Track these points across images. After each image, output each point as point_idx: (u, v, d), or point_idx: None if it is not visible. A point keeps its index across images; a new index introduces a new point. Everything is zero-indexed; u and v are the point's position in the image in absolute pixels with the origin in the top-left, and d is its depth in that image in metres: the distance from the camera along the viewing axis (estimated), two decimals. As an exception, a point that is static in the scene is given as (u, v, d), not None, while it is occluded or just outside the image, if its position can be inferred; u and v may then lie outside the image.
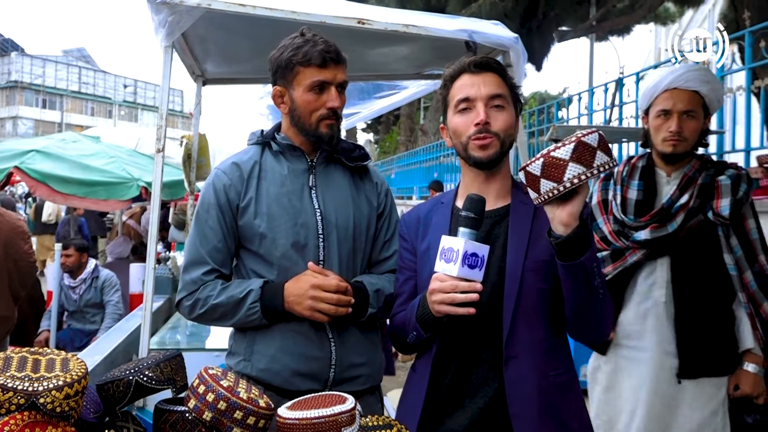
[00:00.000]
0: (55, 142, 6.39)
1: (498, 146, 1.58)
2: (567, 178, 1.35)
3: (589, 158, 1.35)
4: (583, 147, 1.35)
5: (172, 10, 2.12)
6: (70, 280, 5.39)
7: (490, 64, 1.62)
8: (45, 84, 56.77)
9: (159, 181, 2.25)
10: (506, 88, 1.62)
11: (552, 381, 1.55)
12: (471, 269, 1.44)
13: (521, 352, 1.54)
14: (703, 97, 2.26)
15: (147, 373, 1.36)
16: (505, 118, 1.59)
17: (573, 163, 1.35)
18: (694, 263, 2.27)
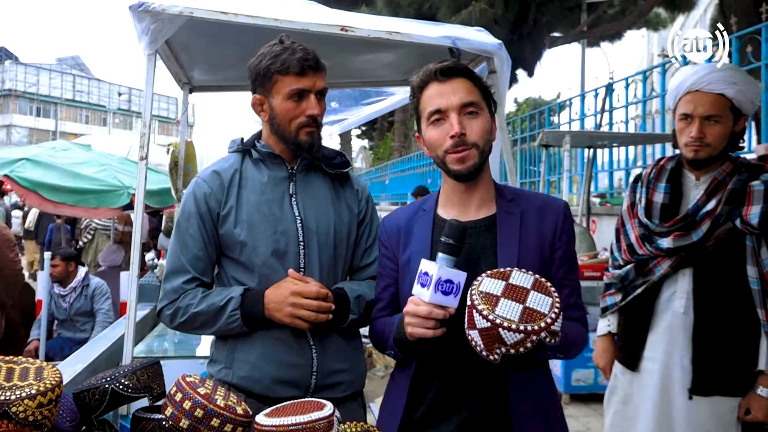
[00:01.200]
0: (46, 150, 6.38)
1: (476, 156, 1.54)
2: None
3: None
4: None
5: (154, 18, 2.12)
6: (60, 289, 5.37)
7: (458, 69, 1.56)
8: (39, 92, 56.63)
9: (142, 188, 2.25)
10: (478, 92, 1.56)
11: (546, 400, 1.59)
12: (445, 295, 1.44)
13: (522, 367, 1.53)
14: (731, 99, 2.08)
15: (123, 381, 1.36)
16: (480, 125, 1.54)
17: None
18: (719, 274, 2.13)
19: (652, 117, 7.61)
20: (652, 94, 7.36)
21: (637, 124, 7.71)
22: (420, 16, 9.70)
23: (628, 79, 7.72)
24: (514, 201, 1.62)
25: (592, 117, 8.60)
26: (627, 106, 7.78)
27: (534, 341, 1.30)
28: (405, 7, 10.59)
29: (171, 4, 2.10)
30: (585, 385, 5.43)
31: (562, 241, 1.60)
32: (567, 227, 1.61)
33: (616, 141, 7.16)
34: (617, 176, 8.90)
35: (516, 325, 1.30)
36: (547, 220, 1.59)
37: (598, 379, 5.42)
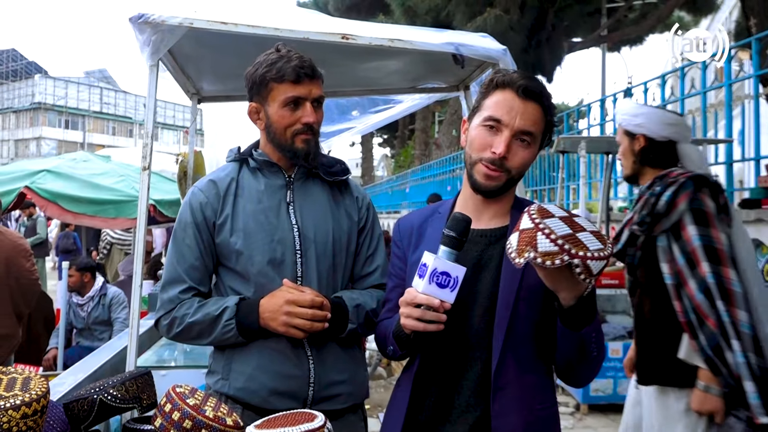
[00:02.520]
0: (66, 161, 6.49)
1: (504, 181, 1.51)
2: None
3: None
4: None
5: (155, 29, 2.14)
6: (78, 298, 5.44)
7: (539, 94, 1.50)
8: (67, 105, 57.83)
9: (145, 199, 2.26)
10: (542, 125, 1.52)
11: (537, 415, 1.50)
12: (440, 288, 1.39)
13: (509, 383, 1.48)
14: (624, 128, 2.56)
15: (111, 391, 1.36)
16: (524, 156, 1.50)
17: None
18: (646, 275, 2.38)
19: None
20: (671, 99, 7.23)
21: (657, 129, 7.58)
22: (437, 24, 9.72)
23: (647, 83, 7.60)
24: None
25: (611, 122, 8.48)
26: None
27: (564, 260, 1.23)
28: (422, 16, 10.62)
29: (170, 15, 2.12)
30: (604, 395, 5.34)
31: None
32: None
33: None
34: (637, 182, 8.76)
35: (555, 236, 1.25)
36: None
37: (617, 389, 5.32)
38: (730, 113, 6.08)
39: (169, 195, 6.08)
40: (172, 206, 6.00)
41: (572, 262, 1.23)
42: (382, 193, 26.43)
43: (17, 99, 59.36)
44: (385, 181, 28.92)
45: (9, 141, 59.13)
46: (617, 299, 5.94)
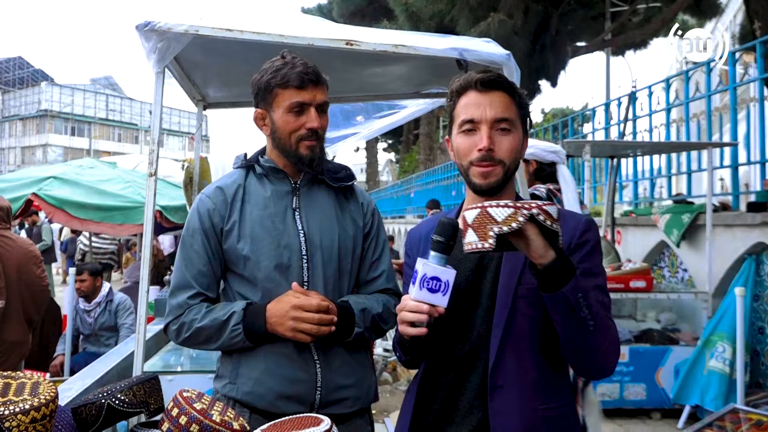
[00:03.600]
0: (73, 168, 6.53)
1: (501, 174, 1.52)
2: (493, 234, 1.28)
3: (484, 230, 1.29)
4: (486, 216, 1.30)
5: (161, 36, 2.16)
6: (84, 304, 5.46)
7: (499, 82, 1.53)
8: (74, 112, 58.14)
9: (151, 205, 2.27)
10: (515, 109, 1.54)
11: (541, 415, 1.47)
12: (432, 293, 1.40)
13: (508, 382, 1.47)
14: None
15: (119, 396, 1.37)
16: (510, 143, 1.51)
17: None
18: None
19: (676, 125, 7.47)
20: (675, 102, 7.23)
21: (662, 133, 7.58)
22: (441, 29, 9.73)
23: (651, 87, 7.60)
24: None
25: (616, 126, 8.48)
26: (651, 114, 7.66)
27: (525, 215, 1.26)
28: (426, 21, 10.64)
29: (176, 23, 2.14)
30: (610, 399, 5.32)
31: (580, 252, 1.49)
32: (587, 240, 1.50)
33: (639, 150, 7.05)
34: (642, 186, 8.74)
35: (504, 204, 1.28)
36: (563, 232, 1.46)
37: (624, 393, 5.30)
38: (735, 116, 6.07)
39: (176, 201, 6.11)
40: (178, 212, 6.03)
41: (532, 212, 1.27)
42: (387, 198, 26.44)
43: (24, 106, 59.70)
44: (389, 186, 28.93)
45: (16, 148, 59.45)
46: (623, 303, 5.93)
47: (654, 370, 5.29)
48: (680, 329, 5.67)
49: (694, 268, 6.20)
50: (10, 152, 59.77)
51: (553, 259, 1.31)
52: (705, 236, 5.55)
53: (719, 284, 5.48)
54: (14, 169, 47.91)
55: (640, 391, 5.30)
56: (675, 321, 5.78)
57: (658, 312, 5.85)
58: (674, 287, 6.33)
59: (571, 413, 1.54)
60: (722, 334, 4.83)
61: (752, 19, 7.40)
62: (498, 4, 9.17)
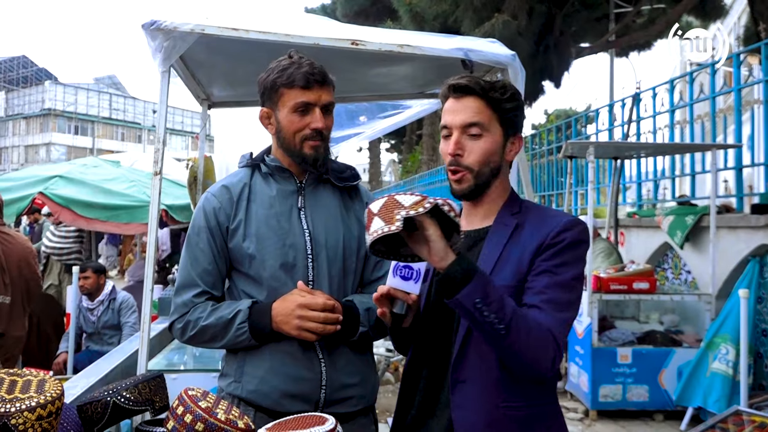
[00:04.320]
0: (77, 167, 6.54)
1: (471, 180, 1.53)
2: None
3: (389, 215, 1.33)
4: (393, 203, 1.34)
5: (167, 35, 2.16)
6: (88, 302, 5.46)
7: (470, 87, 1.52)
8: (77, 111, 58.26)
9: (156, 204, 2.28)
10: (489, 112, 1.53)
11: (503, 413, 1.46)
12: (405, 280, 1.47)
13: (470, 377, 1.48)
14: None
15: (124, 394, 1.37)
16: (481, 148, 1.52)
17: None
18: None
19: (680, 126, 7.46)
20: (680, 104, 7.21)
21: (665, 134, 7.56)
22: (445, 30, 9.73)
23: (655, 88, 7.59)
24: (520, 213, 1.57)
25: (620, 128, 8.47)
26: (655, 116, 7.65)
27: (432, 203, 1.32)
28: (430, 21, 10.63)
29: (182, 22, 2.14)
30: (613, 401, 5.32)
31: (549, 252, 1.48)
32: (561, 240, 1.48)
33: (643, 151, 7.04)
34: (645, 187, 8.73)
35: (411, 193, 1.34)
36: (539, 233, 1.50)
37: (626, 395, 5.30)
38: (739, 118, 6.06)
39: (181, 200, 6.12)
40: (183, 211, 6.04)
41: (437, 202, 1.33)
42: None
43: (27, 105, 59.85)
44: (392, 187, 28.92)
45: (19, 147, 59.60)
46: (626, 305, 5.93)
47: (657, 372, 5.29)
48: (683, 331, 5.66)
49: (698, 269, 6.19)
50: (13, 151, 59.93)
51: (452, 263, 1.34)
52: (709, 238, 5.54)
53: (722, 286, 5.47)
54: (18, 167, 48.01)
55: (643, 393, 5.30)
56: (678, 323, 5.77)
57: (661, 314, 5.84)
58: (677, 289, 6.32)
59: (544, 415, 1.51)
60: (725, 336, 4.82)
61: (757, 20, 7.39)
62: (502, 5, 9.17)
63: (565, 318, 1.45)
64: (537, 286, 1.45)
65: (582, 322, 5.53)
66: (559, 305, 1.44)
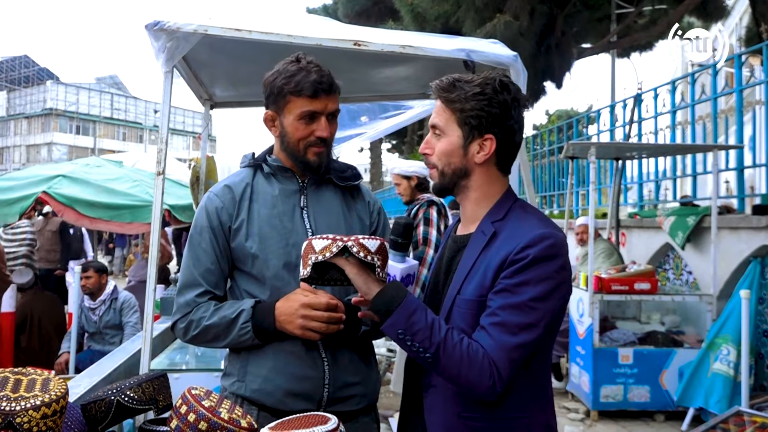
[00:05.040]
0: (80, 167, 6.55)
1: (437, 175, 1.59)
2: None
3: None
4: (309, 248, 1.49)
5: (170, 36, 2.17)
6: (89, 302, 5.47)
7: (437, 89, 1.56)
8: (78, 111, 58.27)
9: (159, 204, 2.28)
10: (448, 113, 1.53)
11: (463, 423, 1.49)
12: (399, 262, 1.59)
13: (439, 382, 1.53)
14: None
15: (128, 393, 1.37)
16: (440, 147, 1.56)
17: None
18: None
19: (681, 127, 7.46)
20: (681, 104, 7.21)
21: (667, 135, 7.56)
22: (446, 30, 9.73)
23: (657, 89, 7.58)
24: (502, 221, 1.53)
25: (621, 128, 8.47)
26: (656, 116, 7.64)
27: (339, 245, 1.44)
28: (432, 22, 10.63)
29: (185, 22, 2.15)
30: (614, 401, 5.31)
31: (511, 269, 1.43)
32: (524, 256, 1.42)
33: (644, 152, 7.04)
34: (647, 188, 8.73)
35: (324, 236, 1.48)
36: (506, 247, 1.46)
37: (628, 395, 5.30)
38: (741, 119, 6.06)
39: (183, 200, 6.12)
40: (185, 211, 6.05)
41: (346, 245, 1.44)
42: (390, 198, 26.40)
43: (29, 105, 59.88)
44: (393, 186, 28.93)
45: (21, 146, 59.63)
46: (627, 305, 5.93)
47: (658, 372, 5.29)
48: (684, 331, 5.66)
49: (699, 270, 6.19)
50: (15, 150, 59.95)
51: (375, 296, 1.44)
52: (710, 239, 5.54)
53: (724, 287, 5.47)
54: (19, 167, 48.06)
55: (644, 393, 5.30)
56: (679, 323, 5.77)
57: (662, 314, 5.84)
58: (679, 289, 6.32)
59: (508, 428, 1.48)
60: (727, 336, 4.82)
61: (758, 21, 7.39)
62: (504, 5, 9.17)
63: (515, 342, 1.39)
64: (492, 305, 1.43)
65: (583, 323, 5.54)
66: (508, 328, 1.40)
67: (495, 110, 1.49)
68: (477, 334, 1.42)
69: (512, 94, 1.51)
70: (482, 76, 1.53)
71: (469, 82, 1.52)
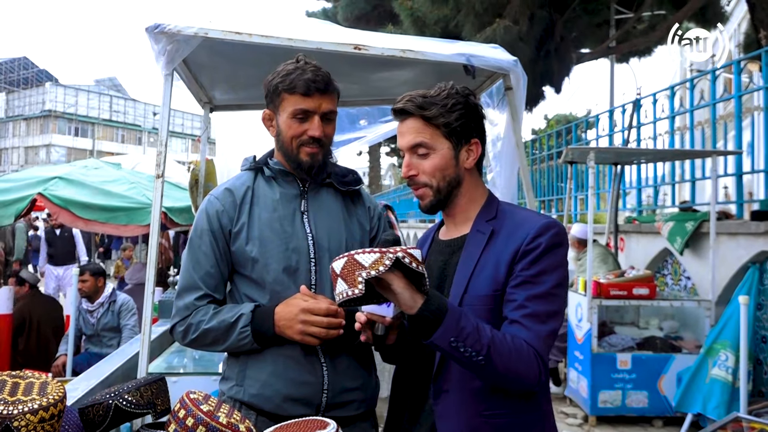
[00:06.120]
0: (78, 169, 6.55)
1: (431, 195, 1.57)
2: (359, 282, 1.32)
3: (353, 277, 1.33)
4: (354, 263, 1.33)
5: (170, 39, 2.17)
6: (87, 304, 5.46)
7: (406, 110, 1.55)
8: (77, 113, 58.26)
9: (158, 206, 2.28)
10: (431, 130, 1.54)
11: (485, 421, 1.47)
12: (378, 306, 1.48)
13: (452, 387, 1.50)
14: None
15: (126, 396, 1.37)
16: (429, 165, 1.55)
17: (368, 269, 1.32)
18: None
19: (680, 133, 7.47)
20: (680, 110, 7.22)
21: (666, 140, 7.57)
22: (446, 35, 9.75)
23: (656, 94, 7.59)
24: (495, 219, 1.57)
25: (620, 133, 8.48)
26: (655, 122, 7.66)
27: (392, 259, 1.30)
28: (431, 26, 10.64)
29: (186, 26, 2.15)
30: (612, 407, 5.31)
31: (526, 259, 1.47)
32: (536, 245, 1.47)
33: (643, 157, 7.05)
34: (645, 193, 8.74)
35: (369, 249, 1.33)
36: (514, 238, 1.50)
37: (626, 400, 5.29)
38: (739, 125, 6.07)
39: (180, 202, 6.12)
40: (182, 214, 6.04)
41: (398, 255, 1.31)
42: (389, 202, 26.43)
43: (28, 106, 59.86)
44: (392, 191, 28.92)
45: (19, 148, 59.59)
46: (625, 310, 5.93)
47: (656, 378, 5.29)
48: (683, 337, 5.67)
49: (698, 276, 6.19)
50: (13, 152, 59.90)
51: (420, 308, 1.34)
52: (708, 244, 5.54)
53: (722, 292, 5.47)
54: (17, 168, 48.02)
55: (642, 399, 5.30)
56: (678, 329, 5.77)
57: (660, 320, 5.84)
58: (677, 295, 6.32)
59: (528, 423, 1.51)
60: (725, 342, 4.82)
61: (757, 27, 7.41)
62: (503, 10, 9.18)
63: (548, 330, 1.44)
64: (517, 298, 1.45)
65: (581, 328, 5.53)
66: (540, 318, 1.43)
67: (473, 115, 1.58)
68: (510, 327, 1.43)
69: (475, 97, 1.61)
70: (445, 88, 1.57)
71: (438, 96, 1.56)
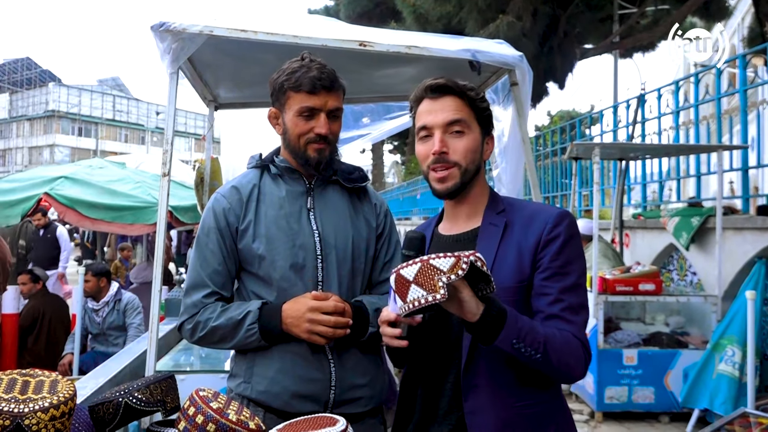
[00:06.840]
0: (83, 168, 6.58)
1: (458, 176, 1.55)
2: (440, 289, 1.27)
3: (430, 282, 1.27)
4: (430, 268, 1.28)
5: (175, 37, 2.17)
6: (93, 303, 5.47)
7: (448, 87, 1.55)
8: (81, 113, 58.39)
9: (165, 205, 2.28)
10: (468, 111, 1.56)
11: (517, 413, 1.48)
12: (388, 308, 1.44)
13: (482, 381, 1.49)
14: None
15: (136, 394, 1.37)
16: (464, 144, 1.55)
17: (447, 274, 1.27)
18: None
19: (685, 127, 7.44)
20: (685, 105, 7.19)
21: (671, 136, 7.55)
22: (449, 31, 9.72)
23: (660, 89, 7.57)
24: (505, 212, 1.58)
25: (624, 129, 8.46)
26: (660, 117, 7.63)
27: (467, 263, 1.27)
28: (434, 23, 10.63)
29: (191, 23, 2.14)
30: (618, 402, 5.30)
31: (550, 249, 1.49)
32: (557, 235, 1.49)
33: (648, 153, 7.02)
34: (650, 189, 8.72)
35: (441, 255, 1.28)
36: (533, 229, 1.51)
37: (632, 396, 5.28)
38: (745, 119, 6.04)
39: (185, 201, 6.13)
40: (188, 212, 6.05)
41: (471, 259, 1.28)
42: (393, 199, 26.44)
43: (31, 107, 60.02)
44: (395, 188, 28.93)
45: (23, 148, 59.76)
46: (631, 306, 5.91)
47: (663, 374, 5.27)
48: (689, 333, 5.65)
49: (704, 271, 6.17)
50: (17, 152, 60.08)
51: (483, 314, 1.33)
52: (714, 239, 5.52)
53: (728, 288, 5.46)
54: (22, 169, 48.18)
55: (649, 395, 5.29)
56: (684, 324, 5.76)
57: (667, 315, 5.83)
58: (683, 290, 6.31)
59: (553, 411, 1.53)
60: (732, 337, 4.81)
61: (762, 21, 7.38)
62: (507, 6, 9.17)
63: (584, 319, 1.50)
64: (552, 292, 1.47)
65: (587, 324, 5.52)
66: (575, 310, 1.48)
67: (491, 113, 1.63)
68: (552, 321, 1.45)
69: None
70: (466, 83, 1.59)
71: (468, 83, 1.59)
